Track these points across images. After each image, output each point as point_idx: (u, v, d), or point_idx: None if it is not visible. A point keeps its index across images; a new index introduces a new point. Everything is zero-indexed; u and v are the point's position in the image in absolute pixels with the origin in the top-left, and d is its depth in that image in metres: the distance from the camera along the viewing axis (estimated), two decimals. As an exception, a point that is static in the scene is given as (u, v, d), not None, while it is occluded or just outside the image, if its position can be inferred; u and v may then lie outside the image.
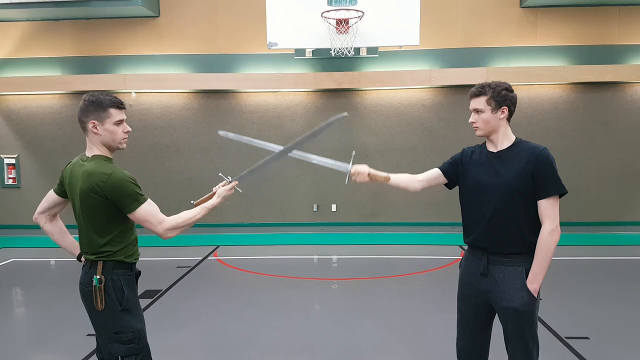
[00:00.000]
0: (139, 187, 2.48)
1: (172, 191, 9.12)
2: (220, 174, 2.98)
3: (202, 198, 2.86)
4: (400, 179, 2.96)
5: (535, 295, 2.52)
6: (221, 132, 3.41)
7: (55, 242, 2.82)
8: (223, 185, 2.85)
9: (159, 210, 2.52)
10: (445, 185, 2.91)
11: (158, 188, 8.95)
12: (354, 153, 3.05)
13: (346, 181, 3.02)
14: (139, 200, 2.45)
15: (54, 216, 2.79)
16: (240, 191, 2.94)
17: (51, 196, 2.74)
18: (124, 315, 2.51)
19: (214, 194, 2.83)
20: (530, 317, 2.54)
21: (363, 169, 2.98)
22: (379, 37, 7.37)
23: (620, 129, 9.05)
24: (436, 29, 8.85)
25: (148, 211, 2.47)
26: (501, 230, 2.55)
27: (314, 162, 3.20)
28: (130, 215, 2.46)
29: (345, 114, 2.86)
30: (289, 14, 7.39)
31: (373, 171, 2.97)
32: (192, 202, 2.88)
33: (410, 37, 7.36)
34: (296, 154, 3.14)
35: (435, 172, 2.90)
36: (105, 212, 2.46)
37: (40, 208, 2.77)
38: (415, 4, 7.31)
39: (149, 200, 2.50)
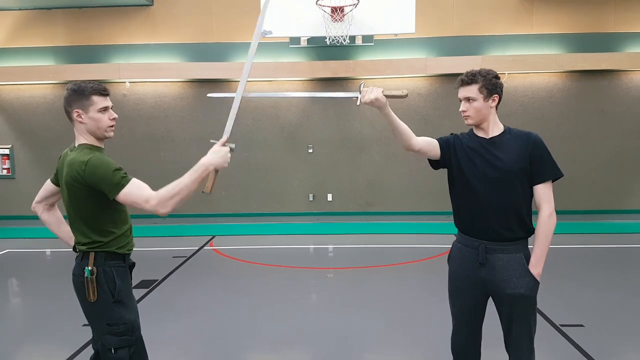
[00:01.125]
0: (119, 169, 2.35)
1: (168, 181, 8.98)
2: (212, 140, 2.54)
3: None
4: (405, 126, 2.65)
5: (539, 279, 2.55)
6: (210, 95, 3.26)
7: (52, 231, 2.81)
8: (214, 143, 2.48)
9: (145, 188, 2.34)
10: (432, 163, 2.77)
11: (153, 178, 8.78)
12: (362, 83, 2.66)
13: (357, 102, 2.60)
14: (120, 183, 2.32)
15: (51, 206, 2.78)
16: (233, 146, 2.49)
17: (48, 185, 2.73)
18: (116, 307, 2.48)
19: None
20: (535, 302, 2.58)
21: (376, 93, 2.51)
22: (374, 25, 7.31)
23: (616, 117, 9.06)
24: (432, 17, 8.81)
25: (131, 192, 2.32)
26: (500, 215, 2.54)
27: (321, 96, 3.08)
28: (116, 199, 2.34)
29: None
30: (284, 1, 7.32)
31: (386, 91, 2.55)
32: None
33: (406, 25, 7.31)
34: (305, 94, 3.00)
35: (434, 141, 2.71)
36: (90, 201, 2.42)
37: (37, 197, 2.75)
38: (411, -9, 7.26)
39: (132, 180, 2.35)
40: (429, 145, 2.70)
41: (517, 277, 2.53)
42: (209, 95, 3.25)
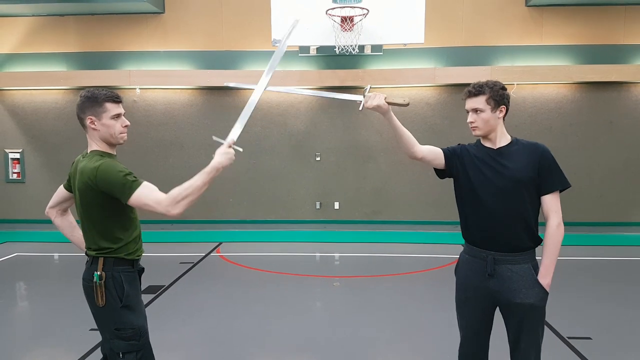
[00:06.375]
0: (129, 173, 2.38)
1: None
2: (214, 137, 2.63)
3: None
4: (408, 133, 2.71)
5: (548, 289, 2.54)
6: (227, 83, 3.26)
7: (66, 236, 2.85)
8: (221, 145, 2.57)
9: (156, 191, 2.37)
10: (438, 172, 2.80)
11: (162, 184, 8.76)
12: (369, 86, 2.77)
13: (360, 108, 2.71)
14: (131, 187, 2.34)
15: (64, 211, 2.81)
16: (241, 150, 2.59)
17: (61, 191, 2.77)
18: (124, 311, 2.50)
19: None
20: (544, 313, 2.57)
21: (379, 98, 2.60)
22: (383, 35, 7.36)
23: (625, 129, 9.02)
24: (441, 27, 8.83)
25: (143, 194, 2.34)
26: (508, 225, 2.54)
27: (326, 96, 3.06)
28: (128, 203, 2.36)
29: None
30: (294, 11, 7.38)
31: (389, 98, 2.63)
32: None
33: (414, 35, 7.35)
34: (310, 92, 3.17)
35: (438, 150, 2.75)
36: (101, 208, 2.45)
37: (51, 202, 2.80)
38: (420, 1, 7.29)
39: (143, 183, 2.37)
40: (433, 154, 2.75)
41: (527, 287, 2.52)
42: (225, 83, 3.27)
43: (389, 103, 2.62)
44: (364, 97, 2.67)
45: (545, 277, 2.53)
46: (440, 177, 2.84)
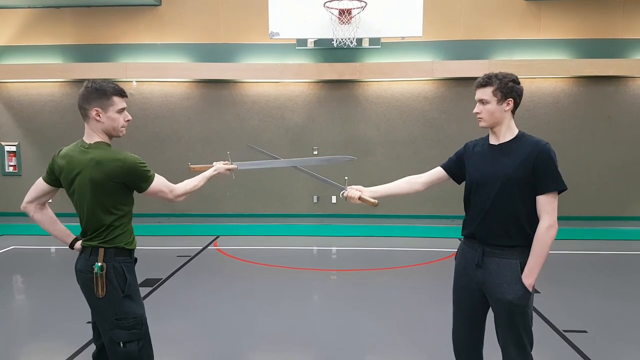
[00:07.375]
0: (146, 165, 2.59)
1: (172, 181, 9.04)
2: (228, 153, 3.26)
3: (200, 166, 3.14)
4: (398, 187, 3.03)
5: (530, 289, 2.52)
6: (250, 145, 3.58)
7: (46, 230, 2.78)
8: (224, 163, 3.10)
9: (164, 179, 2.70)
10: (454, 180, 2.91)
11: None
12: (346, 178, 3.21)
13: (342, 198, 3.17)
14: (150, 178, 2.59)
15: (43, 205, 2.74)
16: (234, 178, 3.18)
17: (40, 185, 2.69)
18: (125, 301, 2.52)
19: (212, 166, 3.06)
20: (523, 310, 2.54)
21: (354, 194, 3.06)
22: (381, 28, 7.33)
23: (622, 123, 9.03)
24: (439, 20, 8.81)
25: (160, 184, 2.65)
26: (498, 221, 2.54)
27: (314, 177, 3.43)
28: (147, 191, 2.61)
29: (355, 158, 3.29)
30: (291, 3, 7.35)
31: (364, 195, 3.05)
32: (189, 163, 3.22)
33: (413, 29, 7.33)
34: (298, 168, 3.48)
35: (438, 171, 2.92)
36: (116, 196, 2.51)
37: (28, 197, 2.71)
38: (419, -5, 7.28)
39: (156, 174, 2.65)
40: (436, 178, 2.94)
41: (508, 283, 2.52)
42: (248, 145, 3.70)
43: (362, 201, 3.07)
44: (344, 191, 3.13)
45: (527, 278, 2.50)
46: (458, 183, 2.93)
